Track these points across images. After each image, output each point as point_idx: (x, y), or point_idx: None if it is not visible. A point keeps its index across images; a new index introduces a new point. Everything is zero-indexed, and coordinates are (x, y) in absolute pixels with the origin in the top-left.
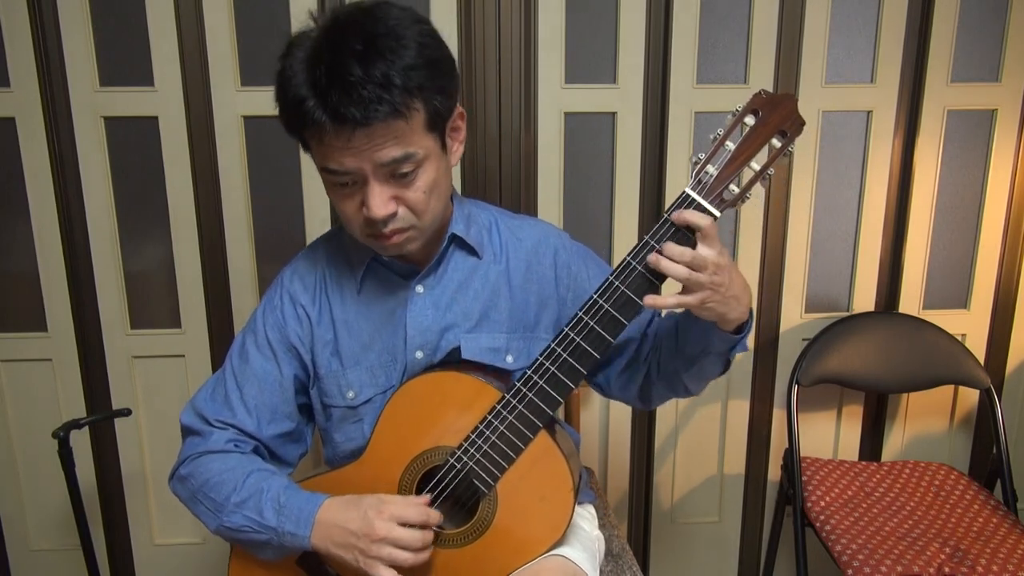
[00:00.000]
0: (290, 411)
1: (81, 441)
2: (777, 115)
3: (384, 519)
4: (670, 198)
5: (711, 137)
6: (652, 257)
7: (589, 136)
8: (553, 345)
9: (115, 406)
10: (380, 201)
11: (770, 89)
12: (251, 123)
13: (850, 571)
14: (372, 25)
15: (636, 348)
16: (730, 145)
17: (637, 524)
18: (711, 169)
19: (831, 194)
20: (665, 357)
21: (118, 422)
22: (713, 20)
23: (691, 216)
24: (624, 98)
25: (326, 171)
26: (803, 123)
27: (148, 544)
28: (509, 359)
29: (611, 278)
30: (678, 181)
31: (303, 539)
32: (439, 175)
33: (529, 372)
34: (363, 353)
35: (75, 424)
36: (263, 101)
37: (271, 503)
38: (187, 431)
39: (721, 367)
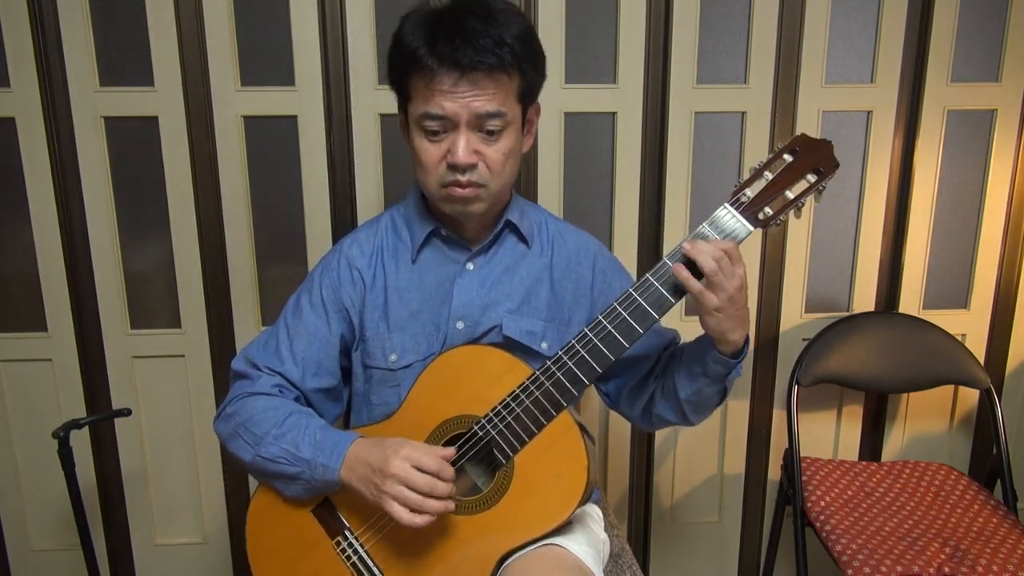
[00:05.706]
0: (333, 368)
1: (81, 441)
2: (813, 156)
3: (400, 458)
4: (670, 198)
5: (751, 167)
6: (688, 244)
7: (589, 136)
8: (586, 330)
9: (115, 406)
10: (466, 149)
11: (770, 89)
12: (251, 123)
13: (850, 571)
14: (491, 2)
15: (650, 368)
16: (768, 175)
17: (637, 524)
18: (748, 192)
19: (831, 194)
20: (669, 379)
21: (118, 422)
22: (713, 20)
23: (703, 255)
24: (624, 98)
25: (425, 116)
26: (837, 165)
27: (148, 544)
28: (544, 345)
29: (648, 276)
30: (678, 181)
31: (333, 471)
32: (516, 146)
33: (560, 352)
34: (410, 320)
35: (75, 424)
36: (263, 101)
37: (308, 438)
38: (236, 375)
39: (719, 395)
